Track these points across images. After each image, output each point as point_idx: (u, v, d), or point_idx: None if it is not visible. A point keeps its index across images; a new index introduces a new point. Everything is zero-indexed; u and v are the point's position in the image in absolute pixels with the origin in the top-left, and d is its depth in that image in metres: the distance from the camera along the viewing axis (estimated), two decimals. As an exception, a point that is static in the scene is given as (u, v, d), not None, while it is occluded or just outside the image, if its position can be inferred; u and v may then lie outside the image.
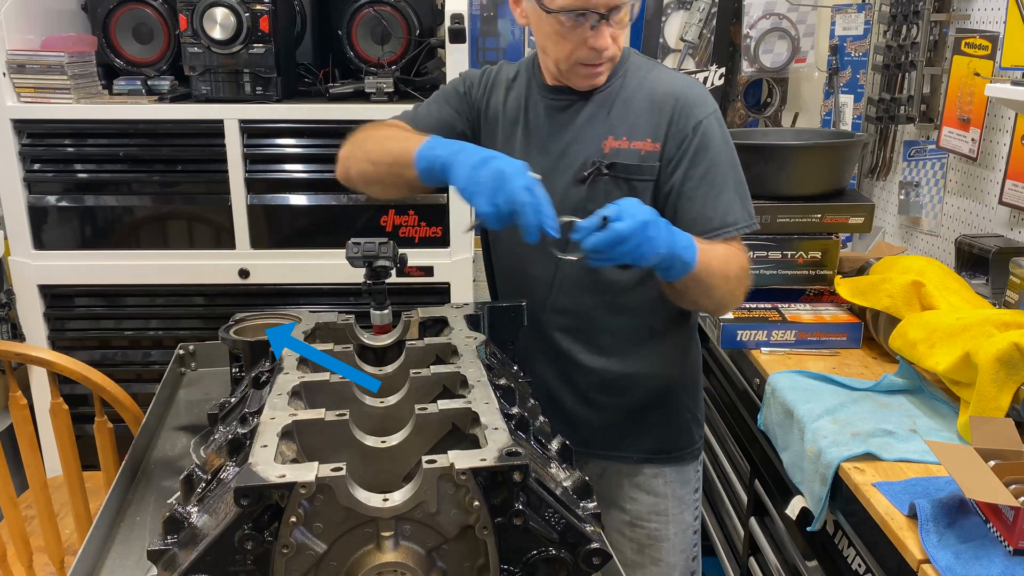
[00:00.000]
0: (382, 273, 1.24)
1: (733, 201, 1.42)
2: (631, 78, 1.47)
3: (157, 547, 0.87)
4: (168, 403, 1.68)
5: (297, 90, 2.65)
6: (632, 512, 1.61)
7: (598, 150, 1.44)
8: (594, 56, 1.38)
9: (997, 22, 2.09)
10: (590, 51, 1.37)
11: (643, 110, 1.44)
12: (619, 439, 1.58)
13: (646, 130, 1.43)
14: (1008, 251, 1.91)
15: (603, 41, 1.36)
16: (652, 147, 1.43)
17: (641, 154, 1.43)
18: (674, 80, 1.46)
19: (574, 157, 1.46)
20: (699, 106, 1.43)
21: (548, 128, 1.49)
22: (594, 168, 1.43)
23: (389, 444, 0.93)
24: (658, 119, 1.43)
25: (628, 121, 1.44)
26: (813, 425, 1.55)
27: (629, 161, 1.43)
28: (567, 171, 1.46)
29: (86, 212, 2.50)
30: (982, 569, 1.12)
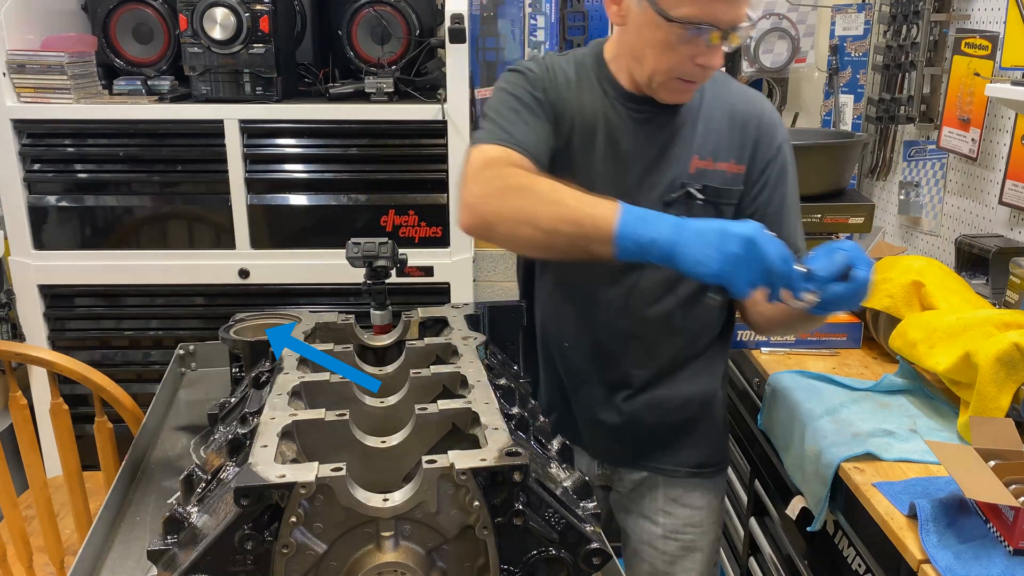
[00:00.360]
0: (382, 273, 1.24)
1: (800, 228, 1.41)
2: (708, 92, 1.39)
3: (157, 547, 0.87)
4: (168, 403, 1.68)
5: (297, 90, 2.65)
6: (666, 525, 1.57)
7: (684, 170, 1.36)
8: (699, 73, 1.28)
9: (997, 22, 2.09)
10: (696, 67, 1.26)
11: (725, 128, 1.38)
12: (666, 454, 1.54)
13: (730, 150, 1.37)
14: (1008, 251, 1.90)
15: (717, 59, 1.25)
16: (737, 169, 1.38)
17: (727, 176, 1.37)
18: (749, 97, 1.41)
19: (660, 176, 1.37)
20: (779, 128, 1.40)
21: (632, 141, 1.37)
22: (683, 190, 1.36)
23: (389, 444, 0.93)
24: (742, 139, 1.38)
25: (712, 140, 1.37)
26: (813, 425, 1.55)
27: (716, 183, 1.37)
28: (651, 191, 1.37)
29: (86, 212, 2.50)
30: (982, 569, 1.12)
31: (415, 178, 2.51)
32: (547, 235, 1.15)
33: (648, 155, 1.37)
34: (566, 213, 1.13)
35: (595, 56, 1.40)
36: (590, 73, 1.39)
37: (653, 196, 1.36)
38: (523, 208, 1.16)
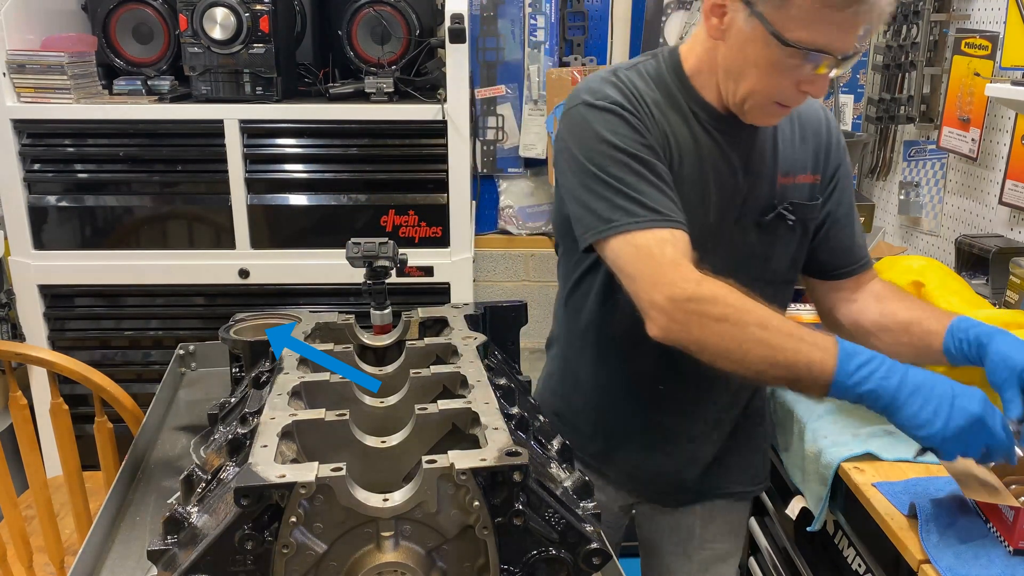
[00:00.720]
0: (382, 273, 1.24)
1: (860, 224, 1.40)
2: None
3: (157, 547, 0.87)
4: (168, 403, 1.68)
5: (297, 90, 2.65)
6: (701, 535, 1.56)
7: (773, 190, 1.32)
8: (799, 99, 1.22)
9: (997, 22, 2.09)
10: (799, 94, 1.20)
11: (798, 139, 1.34)
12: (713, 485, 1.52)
13: (805, 162, 1.34)
14: (1008, 251, 1.91)
15: (822, 88, 1.19)
16: (813, 179, 1.35)
17: (806, 189, 1.34)
18: (809, 101, 1.33)
19: (752, 200, 1.31)
20: (838, 128, 1.38)
21: (722, 165, 1.29)
22: (775, 211, 1.31)
23: (389, 444, 0.93)
24: (814, 149, 1.35)
25: (788, 155, 1.33)
26: (813, 425, 1.55)
27: (800, 199, 1.33)
28: (744, 216, 1.32)
29: (86, 212, 2.50)
30: (982, 569, 1.12)
31: (415, 178, 2.51)
32: (754, 374, 1.12)
33: (737, 178, 1.30)
34: (779, 357, 1.09)
35: (675, 71, 1.30)
36: (675, 92, 1.29)
37: (747, 222, 1.32)
38: (731, 347, 1.11)
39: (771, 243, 1.34)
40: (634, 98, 1.26)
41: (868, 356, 1.07)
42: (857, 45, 1.16)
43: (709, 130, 1.29)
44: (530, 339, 1.58)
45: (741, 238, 1.32)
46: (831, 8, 1.10)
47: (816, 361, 1.07)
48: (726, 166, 1.29)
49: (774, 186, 1.32)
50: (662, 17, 2.92)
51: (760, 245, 1.34)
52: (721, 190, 1.30)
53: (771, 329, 1.10)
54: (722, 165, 1.29)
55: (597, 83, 1.28)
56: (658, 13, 2.92)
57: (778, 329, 1.10)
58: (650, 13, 2.93)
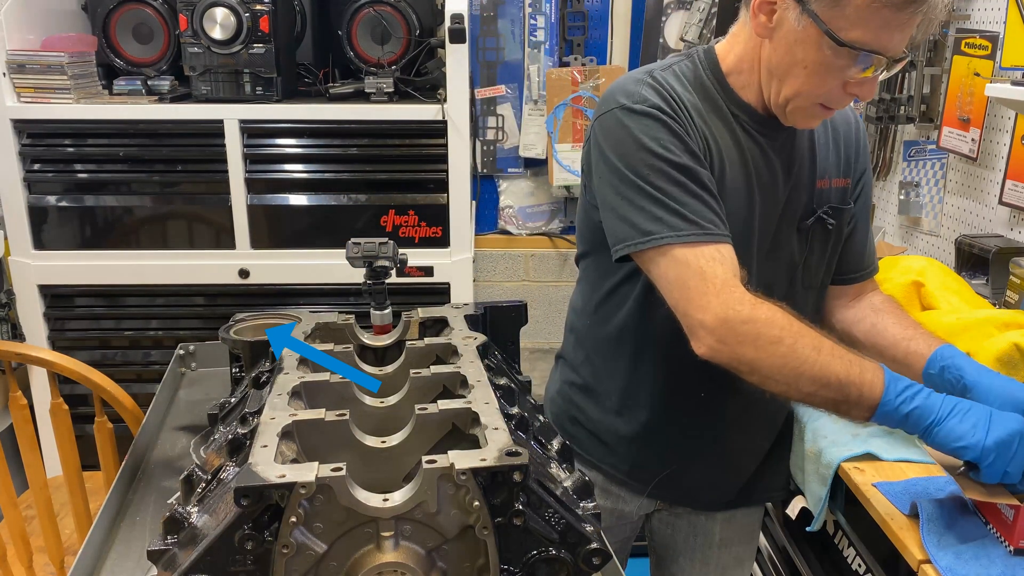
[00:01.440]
0: (382, 273, 1.24)
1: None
2: None
3: (157, 547, 0.87)
4: (168, 403, 1.68)
5: (297, 90, 2.65)
6: (720, 539, 1.56)
7: (812, 194, 1.31)
8: (845, 101, 1.20)
9: (997, 22, 2.09)
10: (845, 96, 1.18)
11: (832, 142, 1.33)
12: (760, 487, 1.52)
13: (838, 166, 1.33)
14: (1008, 251, 1.91)
15: (872, 90, 1.17)
16: (845, 183, 1.34)
17: (840, 192, 1.33)
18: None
19: (795, 203, 1.30)
20: (865, 130, 1.37)
21: (763, 169, 1.27)
22: (815, 215, 1.30)
23: (389, 444, 0.93)
24: (846, 152, 1.34)
25: (823, 158, 1.32)
26: (813, 425, 1.55)
27: (837, 203, 1.32)
28: (785, 221, 1.30)
29: (86, 212, 2.51)
30: (982, 569, 1.12)
31: (415, 178, 2.52)
32: (803, 396, 1.13)
33: (778, 182, 1.28)
34: (832, 379, 1.10)
35: (713, 70, 1.27)
36: (714, 95, 1.26)
37: (787, 228, 1.31)
38: (782, 368, 1.11)
39: (811, 248, 1.33)
40: (673, 101, 1.22)
41: (911, 382, 1.10)
42: (905, 50, 1.15)
43: (752, 133, 1.26)
44: (530, 339, 1.58)
45: (783, 244, 1.31)
46: (890, 8, 1.08)
47: (867, 383, 1.09)
48: (768, 171, 1.27)
49: (813, 190, 1.30)
50: (662, 17, 2.92)
51: (800, 251, 1.33)
52: (764, 196, 1.27)
53: (824, 352, 1.10)
54: (764, 170, 1.27)
55: (632, 85, 1.23)
56: (658, 13, 2.92)
57: (831, 352, 1.11)
58: (650, 13, 2.93)
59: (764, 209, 1.28)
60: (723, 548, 1.56)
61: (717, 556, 1.56)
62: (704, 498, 1.51)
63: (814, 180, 1.31)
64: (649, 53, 2.93)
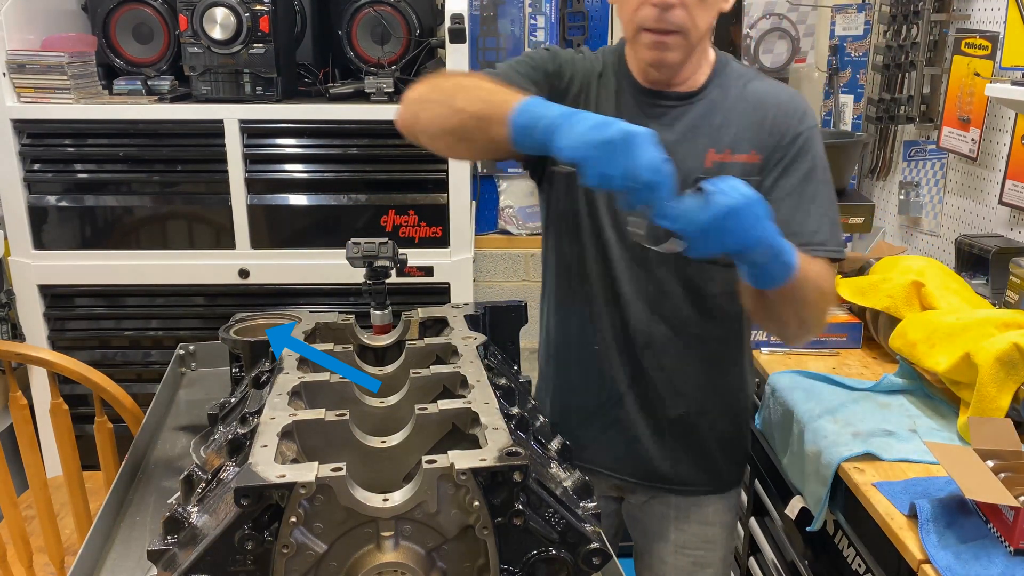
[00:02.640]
0: (382, 273, 1.24)
1: (823, 221, 1.32)
2: (732, 86, 1.37)
3: (157, 547, 0.87)
4: (168, 403, 1.68)
5: (297, 90, 2.65)
6: (676, 541, 1.55)
7: (699, 165, 1.33)
8: (657, 16, 1.24)
9: (997, 22, 2.09)
10: (653, 9, 1.23)
11: (748, 120, 1.35)
12: (686, 473, 1.51)
13: (750, 141, 1.34)
14: (1008, 251, 1.91)
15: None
16: (755, 159, 1.35)
17: (744, 167, 1.34)
18: (779, 90, 1.38)
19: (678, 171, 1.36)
20: (804, 117, 1.36)
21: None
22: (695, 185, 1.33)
23: (389, 444, 0.93)
24: (761, 129, 1.35)
25: (732, 132, 1.35)
26: (813, 425, 1.55)
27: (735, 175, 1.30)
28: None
29: (86, 212, 2.50)
30: (982, 569, 1.12)
31: (415, 178, 2.51)
32: (458, 115, 1.17)
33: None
34: (480, 95, 1.17)
35: (618, 53, 1.41)
36: (610, 70, 1.40)
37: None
38: (445, 93, 1.21)
39: None
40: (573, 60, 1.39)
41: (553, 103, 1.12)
42: None
43: (633, 104, 1.37)
44: (530, 339, 1.58)
45: None
46: None
47: (508, 101, 1.12)
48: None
49: (702, 161, 1.34)
50: (662, 17, 2.92)
51: None
52: None
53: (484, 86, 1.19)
54: None
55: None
56: (658, 13, 2.92)
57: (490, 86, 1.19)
58: (650, 13, 2.93)
59: None
60: (680, 552, 1.55)
61: (675, 559, 1.55)
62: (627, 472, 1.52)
63: (705, 151, 1.34)
64: (649, 53, 2.94)
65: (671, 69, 1.33)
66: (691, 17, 1.26)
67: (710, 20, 1.30)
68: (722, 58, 1.41)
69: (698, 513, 1.54)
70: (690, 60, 1.34)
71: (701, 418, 1.47)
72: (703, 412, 1.47)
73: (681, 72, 1.35)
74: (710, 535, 1.55)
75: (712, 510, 1.54)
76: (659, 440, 1.48)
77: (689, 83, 1.37)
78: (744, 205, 1.04)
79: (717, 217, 1.03)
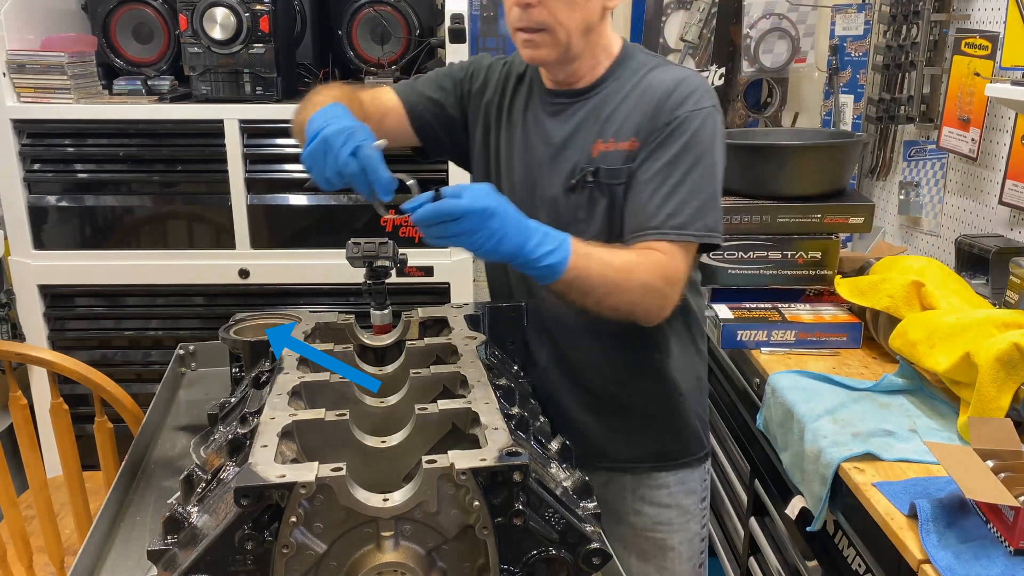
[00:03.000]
0: (382, 273, 1.24)
1: (685, 204, 1.29)
2: (629, 78, 1.38)
3: (157, 547, 0.87)
4: (168, 403, 1.68)
5: (297, 90, 2.65)
6: (636, 524, 1.57)
7: (586, 155, 1.37)
8: (519, 16, 1.31)
9: (997, 22, 2.09)
10: (515, 8, 1.30)
11: (636, 108, 1.35)
12: (623, 448, 1.53)
13: (632, 129, 1.34)
14: (1008, 251, 1.91)
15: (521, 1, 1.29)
16: (634, 145, 1.34)
17: (623, 154, 1.35)
18: (673, 76, 1.35)
19: (564, 164, 1.39)
20: (689, 99, 1.32)
21: (544, 133, 1.42)
22: (581, 175, 1.37)
23: (389, 444, 0.93)
24: (644, 116, 1.34)
25: (619, 121, 1.36)
26: (813, 425, 1.55)
27: (614, 164, 1.35)
28: (556, 179, 1.40)
29: (86, 212, 2.51)
30: (982, 569, 1.12)
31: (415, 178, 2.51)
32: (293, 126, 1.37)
33: (555, 145, 1.40)
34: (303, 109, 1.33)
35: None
36: (530, 74, 1.47)
37: (557, 184, 1.39)
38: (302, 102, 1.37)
39: (582, 206, 1.38)
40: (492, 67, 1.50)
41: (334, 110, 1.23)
42: None
43: (539, 102, 1.44)
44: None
45: (555, 199, 1.40)
46: None
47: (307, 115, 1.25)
48: (547, 133, 1.41)
49: (589, 152, 1.37)
50: (662, 17, 2.92)
51: (575, 209, 1.39)
52: (540, 154, 1.41)
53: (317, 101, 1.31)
54: (545, 133, 1.41)
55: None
56: (658, 13, 2.92)
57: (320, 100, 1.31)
58: (650, 13, 2.93)
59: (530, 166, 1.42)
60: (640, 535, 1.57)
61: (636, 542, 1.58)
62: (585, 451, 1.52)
63: (593, 142, 1.37)
64: (649, 53, 2.94)
65: (552, 66, 1.38)
66: (552, 14, 1.29)
67: (581, 18, 1.32)
68: (627, 51, 1.43)
69: (652, 494, 1.55)
70: (582, 57, 1.37)
71: (625, 398, 1.49)
72: (626, 393, 1.49)
73: (576, 70, 1.39)
74: (666, 517, 1.57)
75: (666, 492, 1.55)
76: (590, 417, 1.51)
77: (587, 79, 1.40)
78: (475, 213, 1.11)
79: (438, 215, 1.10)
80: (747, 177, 2.02)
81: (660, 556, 1.59)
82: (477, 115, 1.51)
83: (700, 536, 1.64)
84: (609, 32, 1.41)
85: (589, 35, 1.36)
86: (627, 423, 1.52)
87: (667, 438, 1.55)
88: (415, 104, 1.50)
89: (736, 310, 1.95)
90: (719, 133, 1.35)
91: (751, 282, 2.01)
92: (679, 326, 1.52)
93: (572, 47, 1.34)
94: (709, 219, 1.31)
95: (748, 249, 1.99)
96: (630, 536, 1.59)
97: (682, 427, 1.55)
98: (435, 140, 1.55)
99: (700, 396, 1.58)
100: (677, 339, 1.51)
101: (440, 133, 1.53)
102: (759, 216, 1.97)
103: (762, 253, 2.00)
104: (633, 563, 1.60)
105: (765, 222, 1.97)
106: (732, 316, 1.92)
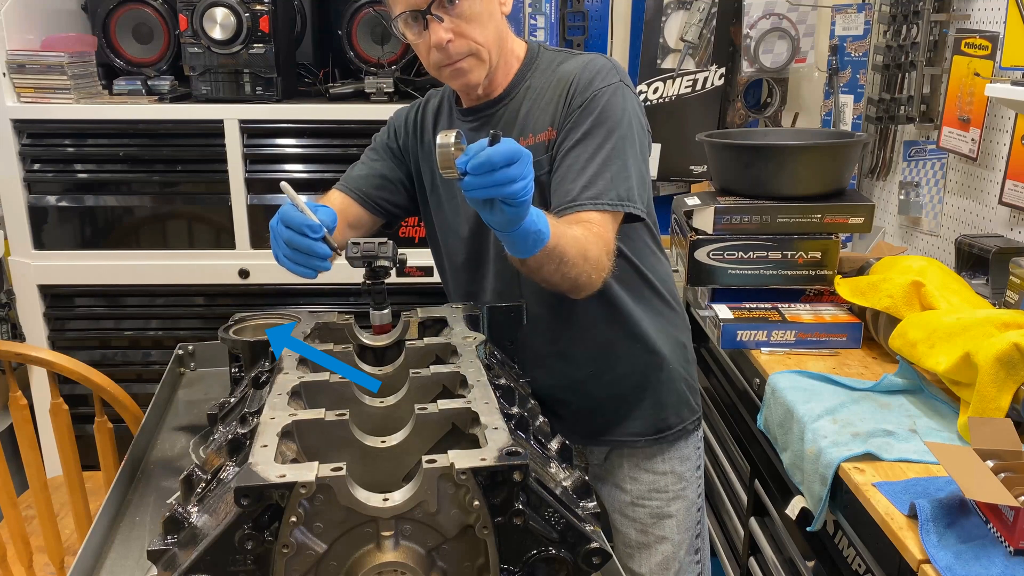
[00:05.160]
0: (382, 273, 1.24)
1: (598, 176, 1.33)
2: (541, 75, 1.43)
3: (157, 547, 0.87)
4: (168, 403, 1.68)
5: (297, 90, 2.65)
6: (633, 492, 1.62)
7: None
8: (443, 56, 1.35)
9: (997, 22, 2.09)
10: (436, 52, 1.34)
11: (551, 100, 1.40)
12: (611, 423, 1.57)
13: (548, 120, 1.40)
14: (1008, 251, 1.90)
15: (437, 37, 1.32)
16: (552, 134, 1.39)
17: (542, 145, 1.40)
18: (581, 62, 1.41)
19: None
20: (596, 79, 1.38)
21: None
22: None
23: (389, 444, 0.93)
24: (559, 104, 1.39)
25: (533, 116, 1.42)
26: (813, 425, 1.55)
27: (536, 157, 1.37)
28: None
29: (86, 212, 2.51)
30: (982, 569, 1.12)
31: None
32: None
33: None
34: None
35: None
36: (446, 102, 1.55)
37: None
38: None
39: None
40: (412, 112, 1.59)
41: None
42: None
43: (461, 125, 1.48)
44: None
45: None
46: None
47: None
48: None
49: None
50: (662, 17, 2.92)
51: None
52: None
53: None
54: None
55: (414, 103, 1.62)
56: (658, 13, 2.92)
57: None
58: (650, 13, 2.93)
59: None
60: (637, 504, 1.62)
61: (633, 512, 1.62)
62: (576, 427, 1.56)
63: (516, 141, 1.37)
64: (649, 53, 2.93)
65: (481, 86, 1.42)
66: (469, 39, 1.34)
67: (494, 31, 1.37)
68: (532, 51, 1.47)
69: (647, 463, 1.60)
70: (498, 65, 1.42)
71: (610, 373, 1.53)
72: (610, 368, 1.53)
73: (494, 79, 1.44)
74: (661, 484, 1.61)
75: (660, 459, 1.60)
76: (578, 397, 1.55)
77: (502, 85, 1.46)
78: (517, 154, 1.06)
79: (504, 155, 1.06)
80: (747, 177, 2.02)
81: (658, 525, 1.63)
82: (416, 162, 1.58)
83: (697, 505, 1.69)
84: (513, 35, 1.47)
85: (504, 44, 1.42)
86: (615, 398, 1.56)
87: (656, 405, 1.58)
88: (358, 188, 1.56)
89: (736, 310, 1.95)
90: (630, 106, 1.39)
91: (751, 282, 2.01)
92: (647, 293, 1.55)
93: (494, 60, 1.40)
94: (621, 189, 1.35)
95: (748, 249, 1.99)
96: (626, 506, 1.63)
97: (667, 398, 1.59)
98: (393, 207, 1.61)
99: (686, 363, 1.63)
100: (645, 305, 1.55)
101: (397, 199, 1.60)
102: (759, 216, 1.97)
103: (762, 253, 2.00)
104: (632, 534, 1.63)
105: (765, 222, 1.97)
106: (732, 316, 1.92)
